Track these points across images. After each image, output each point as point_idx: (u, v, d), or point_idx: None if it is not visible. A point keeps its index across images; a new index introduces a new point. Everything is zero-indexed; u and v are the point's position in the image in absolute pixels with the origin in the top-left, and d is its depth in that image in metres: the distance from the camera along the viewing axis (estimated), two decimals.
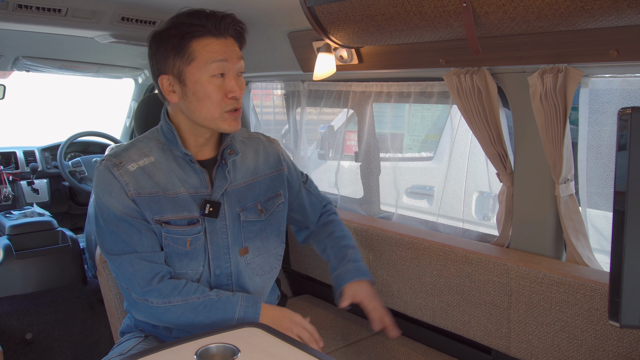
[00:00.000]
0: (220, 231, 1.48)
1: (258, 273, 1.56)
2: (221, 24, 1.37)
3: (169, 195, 1.43)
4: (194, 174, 1.46)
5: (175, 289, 1.41)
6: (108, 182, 1.40)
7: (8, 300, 2.65)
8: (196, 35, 1.36)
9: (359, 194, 2.41)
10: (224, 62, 1.37)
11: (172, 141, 1.45)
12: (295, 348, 1.22)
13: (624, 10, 1.10)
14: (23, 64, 2.94)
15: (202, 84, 1.37)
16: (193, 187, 1.46)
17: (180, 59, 1.37)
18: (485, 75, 1.64)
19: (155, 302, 1.39)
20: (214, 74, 1.37)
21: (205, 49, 1.36)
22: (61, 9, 1.88)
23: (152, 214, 1.41)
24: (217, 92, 1.37)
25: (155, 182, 1.42)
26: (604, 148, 1.59)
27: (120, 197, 1.39)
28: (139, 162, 1.43)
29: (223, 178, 1.49)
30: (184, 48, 1.36)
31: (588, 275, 1.49)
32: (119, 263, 1.40)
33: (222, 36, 1.38)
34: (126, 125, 3.73)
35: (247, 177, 1.55)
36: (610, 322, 0.95)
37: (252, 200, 1.55)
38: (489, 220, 3.04)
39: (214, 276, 1.49)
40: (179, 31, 1.36)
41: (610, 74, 1.49)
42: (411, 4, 1.36)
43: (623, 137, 0.91)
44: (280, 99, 2.71)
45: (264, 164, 1.60)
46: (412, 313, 1.93)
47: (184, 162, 1.46)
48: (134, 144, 1.48)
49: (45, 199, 3.35)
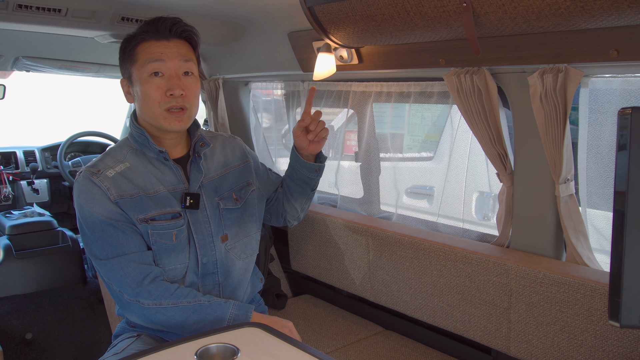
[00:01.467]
0: (202, 221, 1.54)
1: (240, 257, 1.62)
2: (160, 27, 1.45)
3: (150, 194, 1.48)
4: (170, 172, 1.52)
5: (167, 291, 1.44)
6: (89, 190, 1.44)
7: (8, 300, 2.65)
8: (139, 40, 1.47)
9: (359, 194, 2.41)
10: (160, 62, 1.44)
11: (143, 143, 1.51)
12: (295, 348, 1.22)
13: (624, 10, 1.10)
14: (23, 64, 2.93)
15: (142, 83, 1.45)
16: (171, 184, 1.51)
17: (129, 62, 1.49)
18: (485, 75, 1.64)
19: (147, 303, 1.42)
20: (150, 73, 1.44)
21: (145, 51, 1.45)
22: (61, 9, 1.88)
23: (136, 213, 1.45)
24: (156, 91, 1.44)
25: (134, 184, 1.47)
26: (604, 148, 1.59)
27: (103, 202, 1.43)
28: (116, 168, 1.48)
29: (198, 171, 1.55)
30: (131, 52, 1.48)
31: (588, 275, 1.49)
32: (109, 267, 1.43)
33: (163, 38, 1.46)
34: (126, 125, 3.73)
35: (219, 169, 1.63)
36: (610, 322, 0.95)
37: (228, 190, 1.62)
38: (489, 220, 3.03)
39: (202, 265, 1.53)
40: (129, 38, 1.49)
41: (610, 74, 1.49)
42: (411, 4, 1.36)
43: (623, 137, 0.91)
44: (280, 99, 2.72)
45: (231, 156, 1.68)
46: (412, 313, 1.92)
47: (158, 161, 1.52)
48: (108, 154, 1.54)
49: (45, 199, 3.35)
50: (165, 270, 1.49)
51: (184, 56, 1.47)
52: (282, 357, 1.19)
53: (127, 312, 1.47)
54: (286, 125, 2.79)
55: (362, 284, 2.10)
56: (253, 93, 2.82)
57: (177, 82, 1.45)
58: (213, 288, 1.56)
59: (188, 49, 1.51)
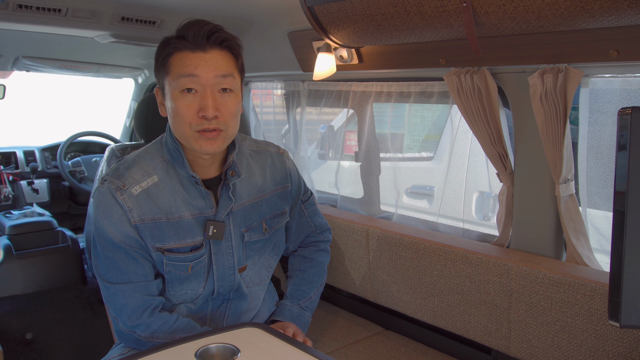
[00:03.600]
0: (226, 252, 1.44)
1: (248, 285, 1.53)
2: (198, 35, 1.27)
3: (172, 219, 1.37)
4: (199, 196, 1.40)
5: (165, 324, 1.38)
6: (110, 206, 1.33)
7: (8, 300, 2.65)
8: (173, 49, 1.30)
9: (359, 194, 2.41)
10: (192, 78, 1.27)
11: (177, 160, 1.38)
12: (295, 348, 1.22)
13: (624, 10, 1.10)
14: (23, 64, 2.94)
15: (173, 99, 1.30)
16: (197, 209, 1.39)
17: (162, 72, 1.33)
18: (486, 75, 1.64)
19: (143, 335, 1.37)
20: (182, 89, 1.28)
21: (179, 63, 1.29)
22: (61, 9, 1.88)
23: (153, 241, 1.36)
24: (187, 110, 1.28)
25: (158, 207, 1.36)
26: (604, 148, 1.59)
27: (121, 224, 1.33)
28: (142, 183, 1.35)
29: (227, 199, 1.42)
30: (164, 62, 1.31)
31: (588, 275, 1.49)
32: (112, 292, 1.36)
33: (198, 49, 1.28)
34: (126, 125, 3.72)
35: (253, 194, 1.48)
36: (610, 322, 0.95)
37: (258, 219, 1.49)
38: (489, 220, 3.03)
39: (217, 293, 1.47)
40: (164, 44, 1.32)
41: (610, 74, 1.49)
42: (411, 3, 1.36)
43: (623, 137, 0.91)
44: (280, 99, 2.71)
45: (270, 179, 1.53)
46: (412, 313, 1.92)
47: (188, 182, 1.39)
48: (137, 162, 1.40)
49: (45, 199, 3.34)
50: (174, 295, 1.43)
51: (221, 71, 1.28)
52: (282, 357, 1.19)
53: (120, 337, 1.42)
54: (286, 125, 2.79)
55: (362, 284, 2.10)
56: (253, 93, 2.82)
57: (211, 102, 1.27)
58: (221, 304, 1.50)
59: (228, 61, 1.31)
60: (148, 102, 2.28)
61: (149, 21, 2.17)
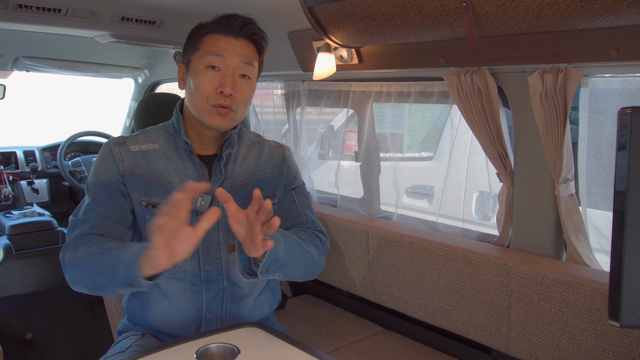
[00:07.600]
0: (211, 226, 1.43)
1: None
2: (232, 23, 1.41)
3: (162, 182, 1.44)
4: (193, 167, 1.46)
5: (87, 243, 1.31)
6: (105, 156, 1.44)
7: (8, 300, 2.65)
8: (208, 30, 1.43)
9: (359, 193, 2.41)
10: (220, 57, 1.39)
11: (177, 130, 1.48)
12: (295, 348, 1.22)
13: (624, 10, 1.10)
14: (23, 64, 2.93)
15: (197, 73, 1.41)
16: (188, 178, 1.42)
17: (192, 49, 1.44)
18: (485, 75, 1.64)
19: (67, 257, 1.32)
20: (207, 65, 1.40)
21: (210, 43, 1.41)
22: (61, 9, 1.88)
23: (140, 194, 1.42)
24: (208, 84, 1.39)
25: (151, 168, 1.44)
26: (604, 148, 1.59)
27: (110, 169, 1.41)
28: (143, 146, 1.46)
29: (219, 172, 1.48)
30: (196, 40, 1.43)
31: (588, 275, 1.49)
32: (74, 224, 1.36)
33: (231, 35, 1.41)
34: (126, 125, 3.73)
35: (245, 175, 1.53)
36: (610, 322, 0.95)
37: (249, 197, 1.44)
38: (489, 220, 3.04)
39: (204, 271, 1.47)
40: (200, 26, 1.45)
41: (610, 73, 1.49)
42: (411, 3, 1.36)
43: (623, 137, 0.91)
44: (280, 99, 2.72)
45: (265, 163, 1.57)
46: (412, 313, 1.92)
47: (185, 153, 1.47)
48: (145, 131, 1.52)
49: (45, 199, 3.34)
50: None
51: (246, 58, 1.42)
52: (282, 357, 1.19)
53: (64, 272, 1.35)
54: (286, 125, 2.79)
55: (362, 284, 2.10)
56: None
57: (231, 81, 1.39)
58: (217, 294, 1.48)
59: (253, 52, 1.45)
60: (148, 102, 2.28)
61: (149, 21, 2.17)
